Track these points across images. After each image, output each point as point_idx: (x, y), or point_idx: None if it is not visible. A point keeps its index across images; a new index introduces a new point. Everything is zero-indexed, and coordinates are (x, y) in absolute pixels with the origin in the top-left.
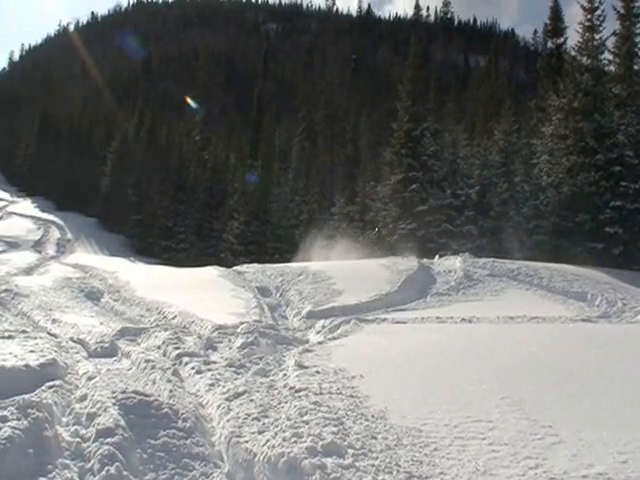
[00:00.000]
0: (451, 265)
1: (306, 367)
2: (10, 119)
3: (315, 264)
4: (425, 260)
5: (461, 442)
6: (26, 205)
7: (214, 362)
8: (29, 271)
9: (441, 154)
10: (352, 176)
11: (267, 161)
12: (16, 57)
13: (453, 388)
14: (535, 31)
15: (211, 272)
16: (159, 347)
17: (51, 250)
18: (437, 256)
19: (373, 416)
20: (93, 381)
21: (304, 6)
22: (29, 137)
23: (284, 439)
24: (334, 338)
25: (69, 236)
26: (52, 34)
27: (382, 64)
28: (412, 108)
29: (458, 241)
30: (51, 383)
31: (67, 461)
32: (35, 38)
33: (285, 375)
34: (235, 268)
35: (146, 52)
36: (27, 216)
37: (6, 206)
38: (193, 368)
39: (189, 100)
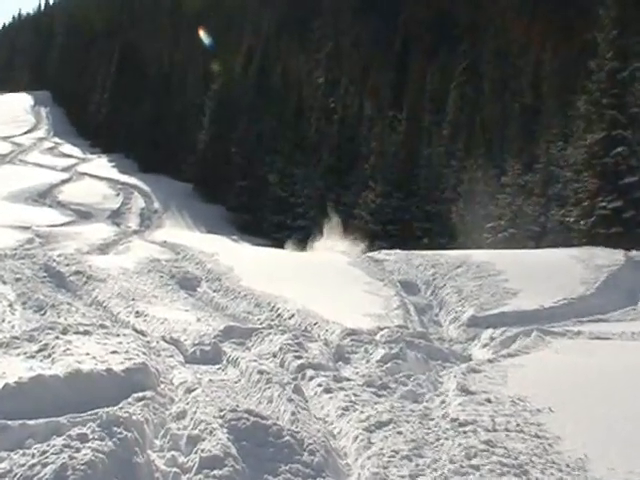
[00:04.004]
0: None
1: (472, 392)
2: (83, 56)
3: (479, 253)
4: (635, 253)
5: None
6: (101, 164)
7: (347, 379)
8: (105, 249)
9: None
10: (531, 134)
11: (414, 112)
12: None
13: None
14: None
15: (338, 259)
16: (275, 355)
17: (133, 223)
18: None
19: (568, 465)
20: (193, 394)
21: None
22: (105, 79)
23: None
24: (509, 355)
25: (156, 206)
26: None
27: None
28: (618, 40)
29: None
30: (140, 394)
31: None
32: None
33: (444, 402)
34: (371, 255)
35: None
36: (102, 178)
37: (76, 164)
38: (320, 385)
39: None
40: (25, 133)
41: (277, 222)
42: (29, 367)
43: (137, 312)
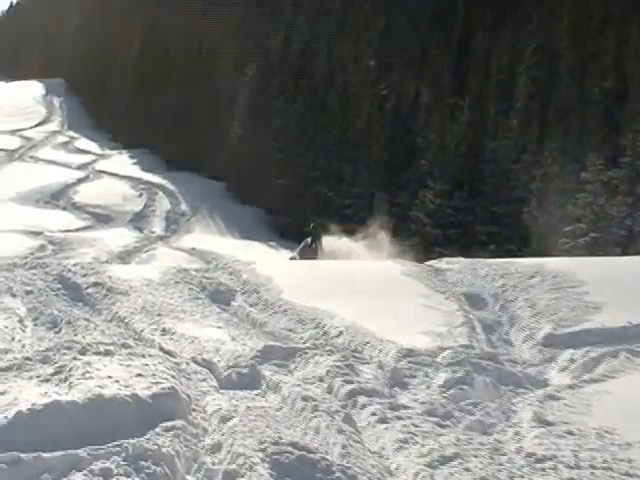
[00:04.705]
0: None
1: (551, 423)
2: (100, 37)
3: (556, 261)
4: None
5: None
6: (122, 161)
7: (405, 407)
8: (126, 257)
9: None
10: (614, 123)
11: (478, 99)
12: None
13: None
14: None
15: (392, 268)
16: (321, 379)
17: (158, 228)
18: None
19: None
20: (229, 424)
21: None
22: (126, 64)
23: None
24: (593, 380)
25: (183, 208)
26: None
27: None
28: None
29: None
30: (169, 423)
31: None
32: None
33: (517, 434)
34: (430, 263)
35: None
36: (123, 177)
37: (93, 161)
38: (374, 414)
39: None
40: (36, 126)
41: (322, 226)
42: (43, 392)
43: (164, 329)
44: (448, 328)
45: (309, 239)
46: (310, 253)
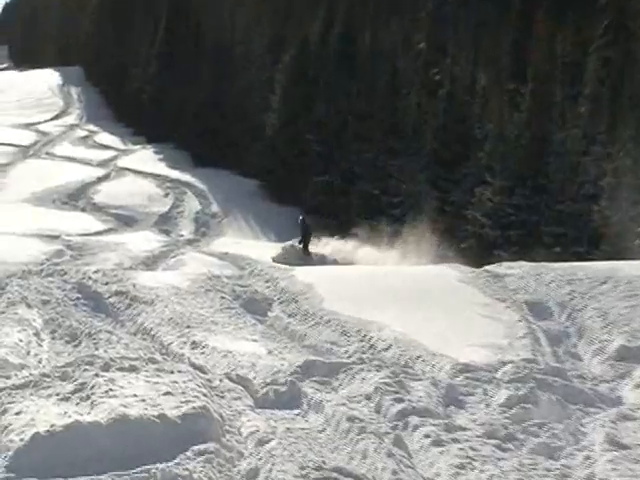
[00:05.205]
0: None
1: (625, 447)
2: (122, 22)
3: (631, 265)
4: None
5: None
6: (146, 157)
7: (462, 428)
8: (152, 263)
9: None
10: None
11: (541, 84)
12: None
13: None
14: None
15: (446, 273)
16: (369, 397)
17: (186, 230)
18: None
19: None
20: (267, 447)
21: None
22: (149, 52)
23: None
24: None
25: (214, 208)
26: None
27: None
28: None
29: None
30: (201, 447)
31: None
32: None
33: (588, 458)
34: (488, 268)
35: None
36: (148, 174)
37: (115, 158)
38: (428, 436)
39: None
40: (52, 119)
41: (368, 226)
42: (63, 412)
43: (193, 343)
44: (509, 340)
45: (295, 240)
46: (293, 255)
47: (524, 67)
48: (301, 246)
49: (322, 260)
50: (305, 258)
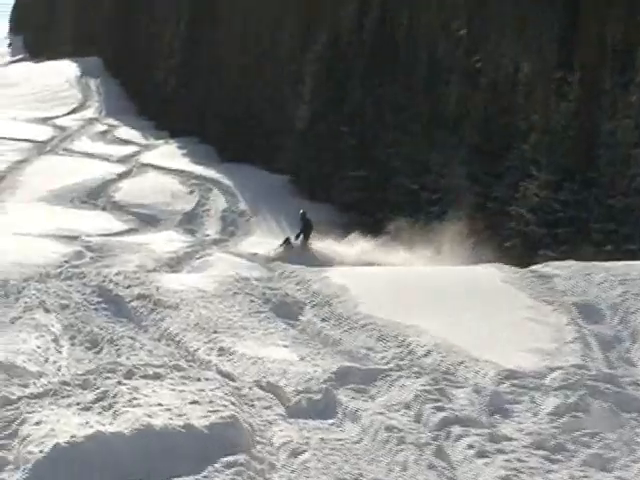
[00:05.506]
0: None
1: None
2: (144, 11)
3: None
4: None
5: None
6: (169, 152)
7: (508, 438)
8: (176, 265)
9: None
10: None
11: (590, 71)
12: None
13: None
14: None
15: (489, 274)
16: (408, 406)
17: (212, 230)
18: None
19: None
20: (300, 459)
21: None
22: (173, 38)
23: None
24: None
25: (242, 206)
26: None
27: None
28: None
29: None
30: (230, 458)
31: None
32: None
33: None
34: (534, 268)
35: None
36: (171, 171)
37: (137, 153)
38: (471, 447)
39: None
40: (70, 113)
41: (404, 224)
42: (84, 422)
43: (221, 348)
44: (557, 345)
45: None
46: (291, 252)
47: (571, 54)
48: (298, 242)
49: (325, 258)
50: (304, 254)
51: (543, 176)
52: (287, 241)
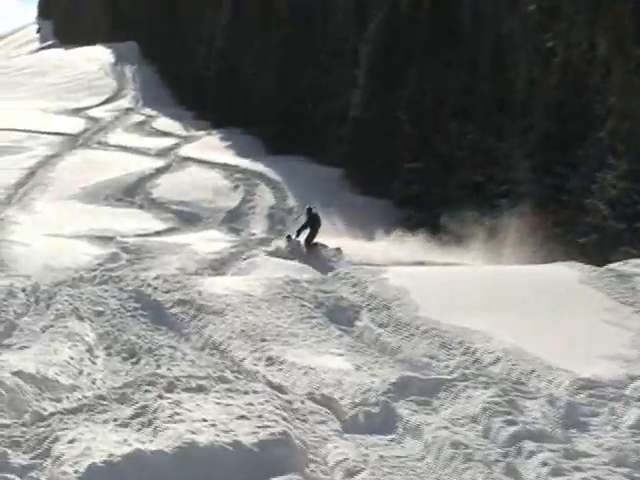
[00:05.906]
0: None
1: None
2: None
3: None
4: None
5: None
6: (211, 144)
7: (585, 454)
8: (220, 267)
9: None
10: None
11: None
12: None
13: None
14: None
15: (564, 273)
16: (475, 419)
17: (259, 228)
18: None
19: None
20: (358, 478)
21: None
22: (215, 22)
23: None
24: None
25: (291, 203)
26: None
27: None
28: None
29: None
30: (281, 478)
31: None
32: None
33: None
34: (613, 267)
35: None
36: (214, 164)
37: (176, 146)
38: (545, 464)
39: None
40: (103, 103)
41: (470, 220)
42: (122, 440)
43: (269, 358)
44: (639, 351)
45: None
46: (294, 249)
47: None
48: (299, 238)
49: (332, 256)
50: (308, 252)
51: (622, 166)
52: (289, 238)
